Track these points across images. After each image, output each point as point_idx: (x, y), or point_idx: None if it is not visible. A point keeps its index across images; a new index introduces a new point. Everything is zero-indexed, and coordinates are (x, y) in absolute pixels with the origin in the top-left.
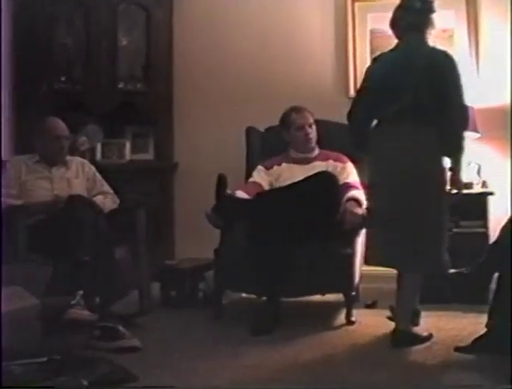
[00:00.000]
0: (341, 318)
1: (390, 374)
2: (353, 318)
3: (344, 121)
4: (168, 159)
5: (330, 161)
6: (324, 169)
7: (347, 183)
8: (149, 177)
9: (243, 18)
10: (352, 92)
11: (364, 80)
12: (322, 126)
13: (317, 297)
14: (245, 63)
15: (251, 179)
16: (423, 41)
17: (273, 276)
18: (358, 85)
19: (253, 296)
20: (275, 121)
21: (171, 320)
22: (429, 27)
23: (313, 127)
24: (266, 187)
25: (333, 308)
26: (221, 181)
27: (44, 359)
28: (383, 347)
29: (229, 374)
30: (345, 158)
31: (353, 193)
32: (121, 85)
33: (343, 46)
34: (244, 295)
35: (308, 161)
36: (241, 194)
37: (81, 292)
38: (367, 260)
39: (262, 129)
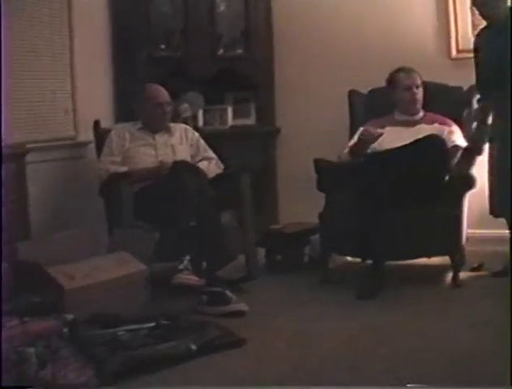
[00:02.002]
0: (447, 281)
1: (496, 334)
2: (459, 281)
3: (447, 82)
4: (270, 123)
5: (436, 124)
6: (431, 132)
7: (456, 146)
8: (251, 142)
9: None
10: (454, 54)
11: None
12: (426, 88)
13: (423, 260)
14: (346, 26)
15: (353, 142)
16: None
17: (378, 239)
18: (460, 46)
19: (358, 259)
20: (377, 84)
21: (277, 285)
22: None
23: (420, 89)
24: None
25: (439, 271)
26: None
27: (153, 324)
28: (490, 309)
29: (336, 337)
30: (451, 121)
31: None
32: (220, 51)
33: (445, 7)
34: (349, 259)
35: (413, 124)
36: None
37: (188, 257)
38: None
39: (363, 92)
